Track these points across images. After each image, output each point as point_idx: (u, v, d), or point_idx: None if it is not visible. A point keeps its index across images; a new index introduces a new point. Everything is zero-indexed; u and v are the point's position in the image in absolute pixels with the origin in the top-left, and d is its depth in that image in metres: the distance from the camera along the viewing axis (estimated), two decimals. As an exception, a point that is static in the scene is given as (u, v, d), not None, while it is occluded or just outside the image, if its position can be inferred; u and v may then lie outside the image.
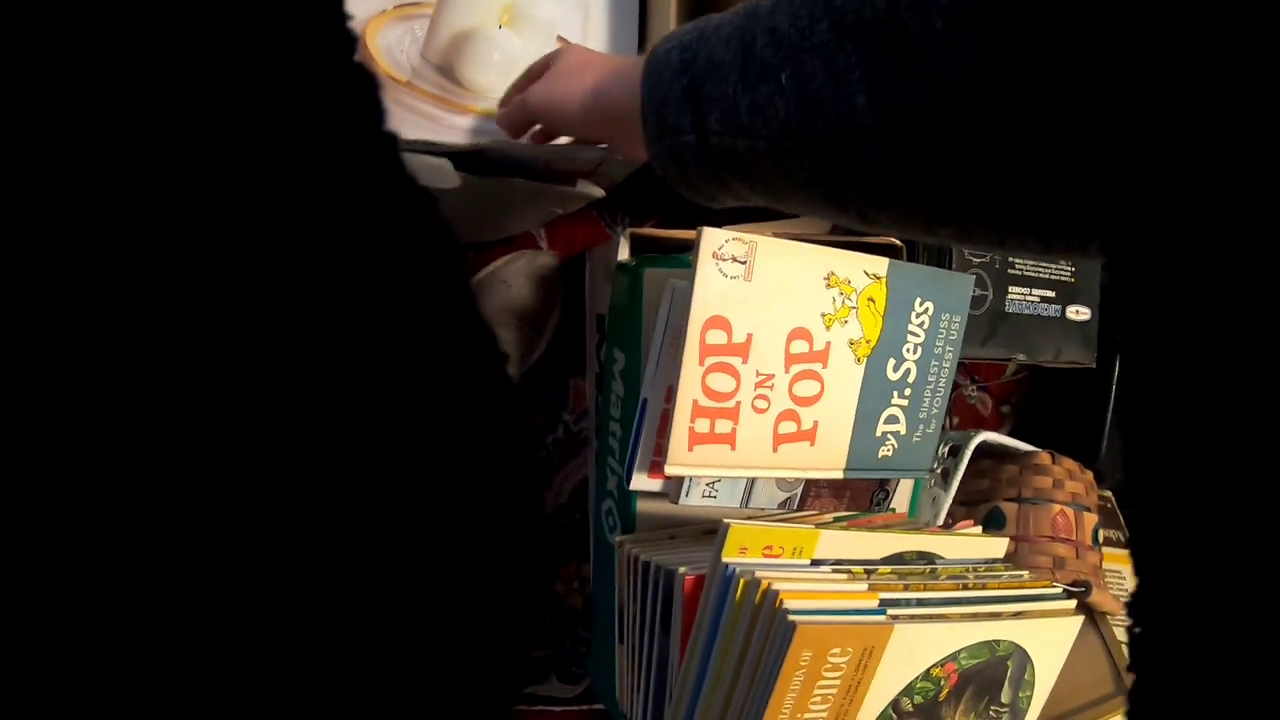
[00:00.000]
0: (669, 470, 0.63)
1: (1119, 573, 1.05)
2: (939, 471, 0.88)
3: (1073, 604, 0.70)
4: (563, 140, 0.66)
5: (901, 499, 0.79)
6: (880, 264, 0.67)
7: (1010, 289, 0.90)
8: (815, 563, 0.64)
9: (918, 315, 0.69)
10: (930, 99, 0.33)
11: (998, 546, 0.74)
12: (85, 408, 0.28)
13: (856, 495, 0.75)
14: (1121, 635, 0.95)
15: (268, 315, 0.33)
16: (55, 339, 0.27)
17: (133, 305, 0.29)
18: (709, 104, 0.42)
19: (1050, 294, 0.92)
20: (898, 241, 0.76)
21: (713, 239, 0.60)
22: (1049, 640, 0.70)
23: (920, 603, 0.63)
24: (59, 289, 0.27)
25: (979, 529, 0.76)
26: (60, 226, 0.27)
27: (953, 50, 0.32)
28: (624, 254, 0.75)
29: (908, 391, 0.71)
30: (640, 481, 0.67)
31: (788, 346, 0.64)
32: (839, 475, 0.70)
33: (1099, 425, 1.03)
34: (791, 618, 0.57)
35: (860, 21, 0.34)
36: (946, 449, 0.90)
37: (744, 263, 0.61)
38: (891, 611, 0.61)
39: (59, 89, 0.27)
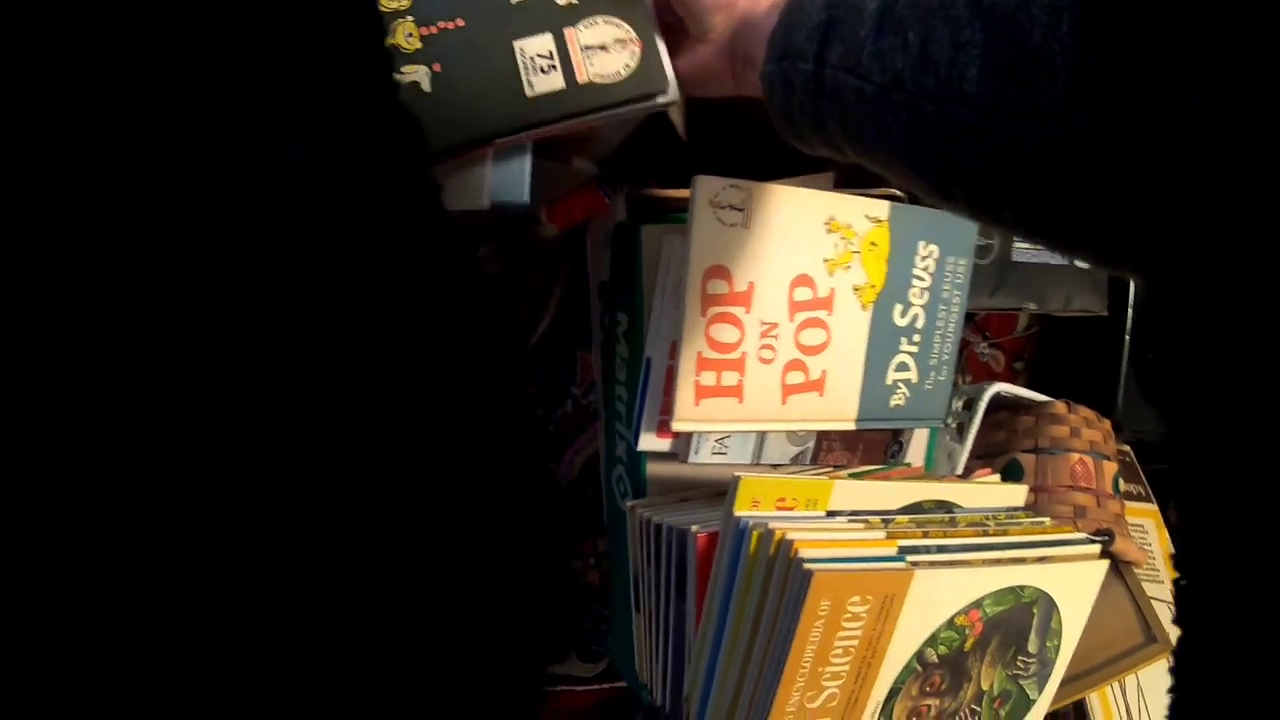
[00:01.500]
0: (676, 426, 0.62)
1: (1141, 526, 1.04)
2: (954, 425, 0.87)
3: (1097, 548, 0.69)
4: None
5: (916, 453, 0.77)
6: (881, 207, 0.66)
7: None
8: (831, 514, 0.63)
9: (922, 259, 0.68)
10: (1035, 90, 0.35)
11: (1017, 494, 0.73)
12: (88, 405, 0.28)
13: (870, 448, 0.74)
14: (1149, 589, 0.93)
15: (268, 311, 0.32)
16: (57, 337, 0.27)
17: (134, 302, 0.29)
18: (837, 40, 0.44)
19: (1058, 241, 0.90)
20: (898, 191, 0.75)
21: (708, 186, 0.59)
22: (1074, 586, 0.68)
23: (941, 549, 0.62)
24: (60, 286, 0.27)
25: (997, 477, 0.74)
26: (61, 225, 0.27)
27: (1070, 55, 0.34)
28: (621, 216, 0.74)
29: (916, 337, 0.70)
30: (648, 441, 0.66)
31: (791, 294, 0.63)
32: (851, 426, 0.68)
33: (1114, 377, 1.01)
34: (807, 566, 0.55)
35: (994, 6, 0.37)
36: (960, 403, 0.88)
37: (741, 210, 0.60)
38: (911, 558, 0.60)
39: (60, 88, 0.26)
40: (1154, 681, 0.93)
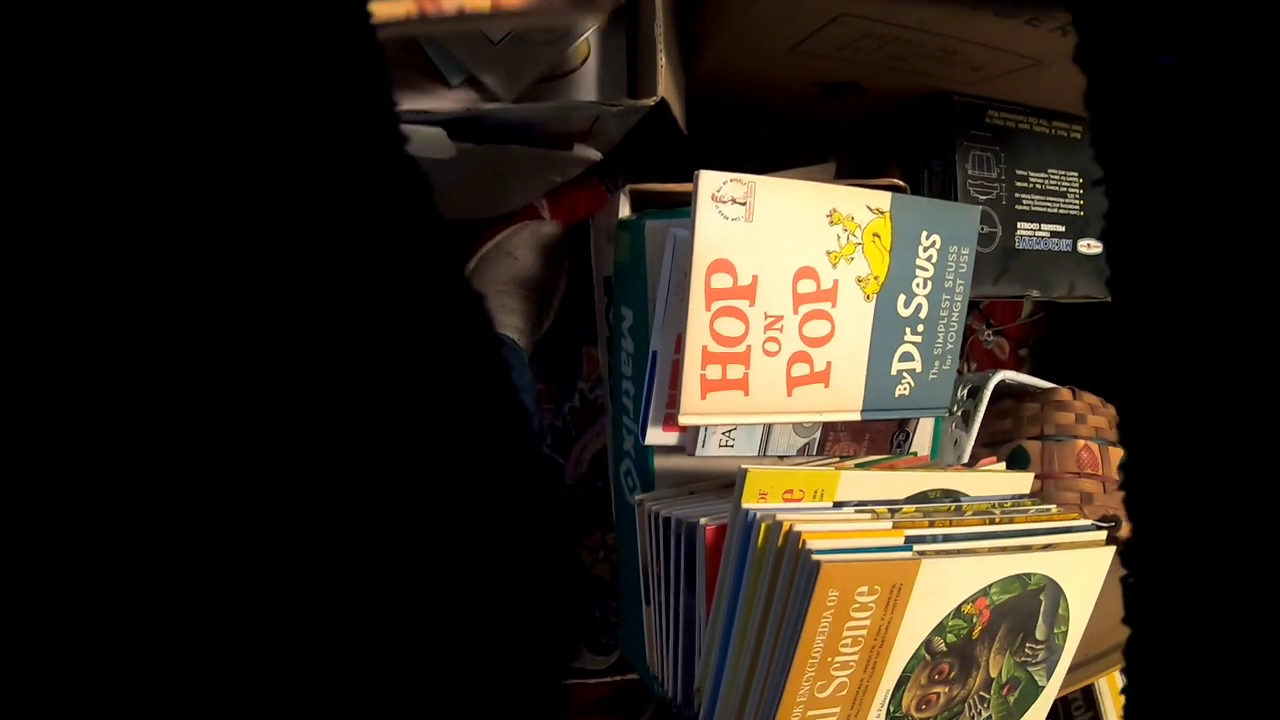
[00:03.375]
0: (683, 420, 0.63)
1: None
2: (959, 414, 0.87)
3: (1103, 535, 0.69)
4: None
5: (922, 442, 0.78)
6: (883, 199, 0.66)
7: (1019, 225, 0.88)
8: (838, 504, 0.63)
9: (925, 249, 0.68)
10: None
11: (1023, 482, 0.73)
12: (87, 405, 0.28)
13: (876, 438, 0.74)
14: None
15: (272, 309, 0.32)
16: (58, 336, 0.27)
17: (135, 301, 0.29)
18: None
19: (1060, 228, 0.90)
20: (900, 182, 0.75)
21: (710, 181, 0.59)
22: (1081, 572, 0.68)
23: (947, 538, 0.62)
24: (63, 286, 0.27)
25: (1003, 465, 0.75)
26: (63, 224, 0.27)
27: None
28: (625, 212, 0.74)
29: (920, 327, 0.70)
30: (655, 435, 0.67)
31: (795, 286, 0.63)
32: (856, 416, 0.69)
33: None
34: (816, 557, 0.56)
35: None
36: (965, 391, 0.88)
37: (744, 204, 0.60)
38: (918, 548, 0.60)
39: (62, 88, 0.26)
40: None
